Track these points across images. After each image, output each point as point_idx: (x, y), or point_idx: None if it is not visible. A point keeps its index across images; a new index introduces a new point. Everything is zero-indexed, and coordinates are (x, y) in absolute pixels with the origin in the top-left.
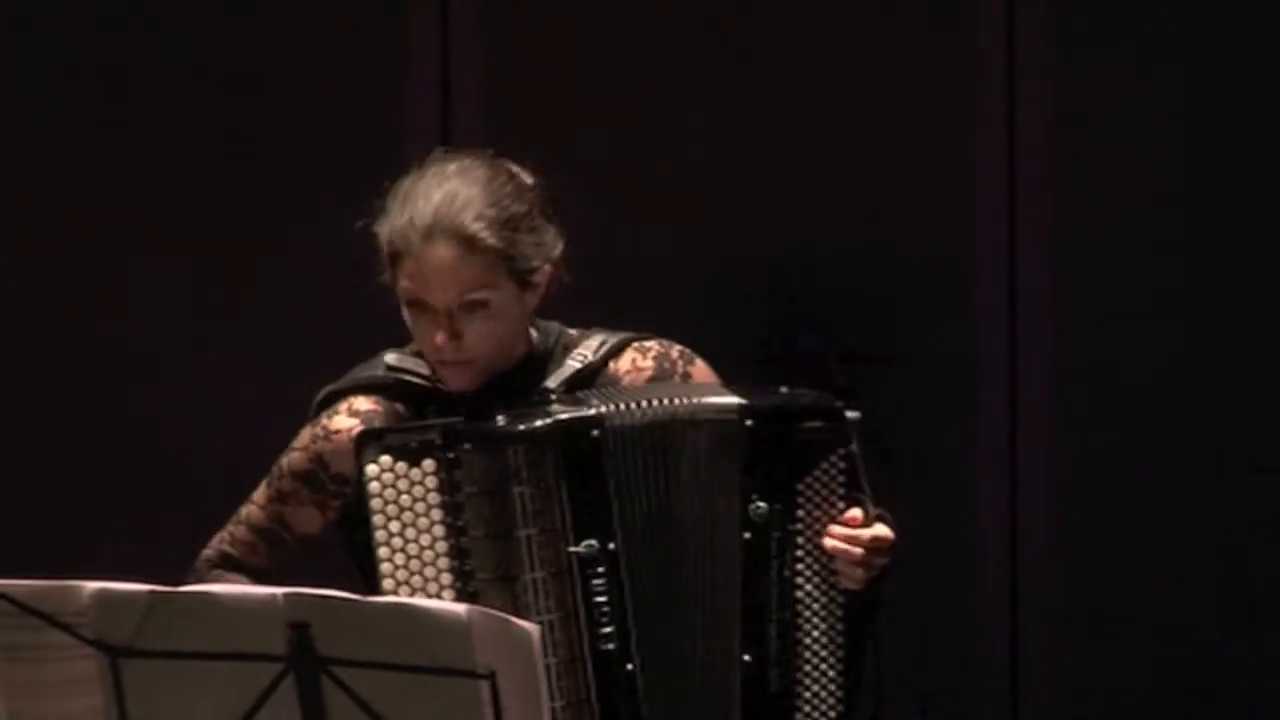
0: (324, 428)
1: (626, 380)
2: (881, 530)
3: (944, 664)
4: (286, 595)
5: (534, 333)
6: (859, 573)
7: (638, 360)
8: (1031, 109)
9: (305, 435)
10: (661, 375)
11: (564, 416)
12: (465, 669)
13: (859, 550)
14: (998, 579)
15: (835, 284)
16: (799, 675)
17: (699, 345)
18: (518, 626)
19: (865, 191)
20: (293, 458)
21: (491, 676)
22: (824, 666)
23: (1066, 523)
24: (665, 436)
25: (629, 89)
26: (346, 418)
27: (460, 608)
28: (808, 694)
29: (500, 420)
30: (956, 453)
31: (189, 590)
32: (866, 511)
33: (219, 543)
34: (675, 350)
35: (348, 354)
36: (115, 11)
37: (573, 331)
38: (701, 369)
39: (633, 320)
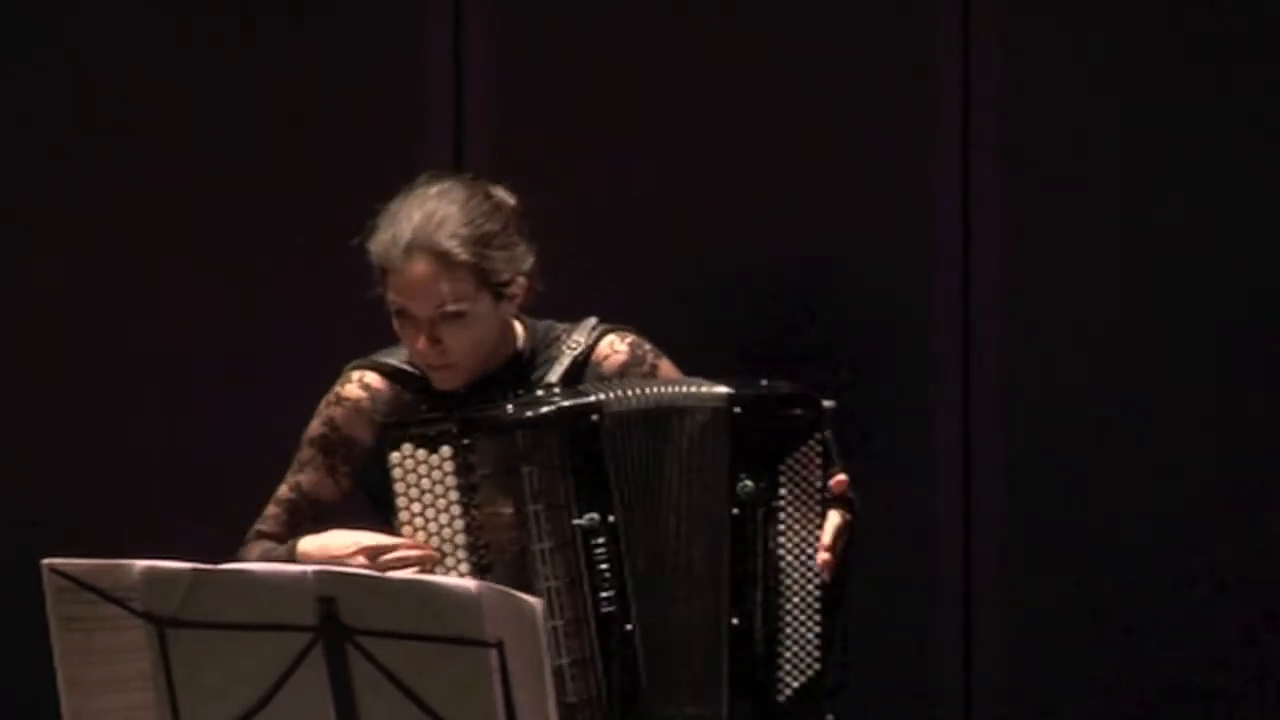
0: (336, 394)
1: (605, 363)
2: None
3: (900, 642)
4: (316, 572)
5: (522, 331)
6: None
7: (615, 344)
8: (984, 124)
9: (321, 404)
10: (634, 361)
11: (566, 403)
12: (476, 639)
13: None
14: (951, 569)
15: (804, 288)
16: (781, 637)
17: (684, 344)
18: (524, 600)
19: (834, 202)
20: (310, 426)
21: (499, 645)
22: (803, 629)
23: (1018, 512)
24: (659, 421)
25: (632, 93)
26: (357, 388)
27: (471, 584)
28: (788, 654)
29: (509, 408)
30: (912, 447)
31: (228, 568)
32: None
33: (259, 522)
34: (648, 344)
35: (375, 349)
36: (133, 13)
37: (562, 326)
38: (667, 365)
39: (619, 316)
